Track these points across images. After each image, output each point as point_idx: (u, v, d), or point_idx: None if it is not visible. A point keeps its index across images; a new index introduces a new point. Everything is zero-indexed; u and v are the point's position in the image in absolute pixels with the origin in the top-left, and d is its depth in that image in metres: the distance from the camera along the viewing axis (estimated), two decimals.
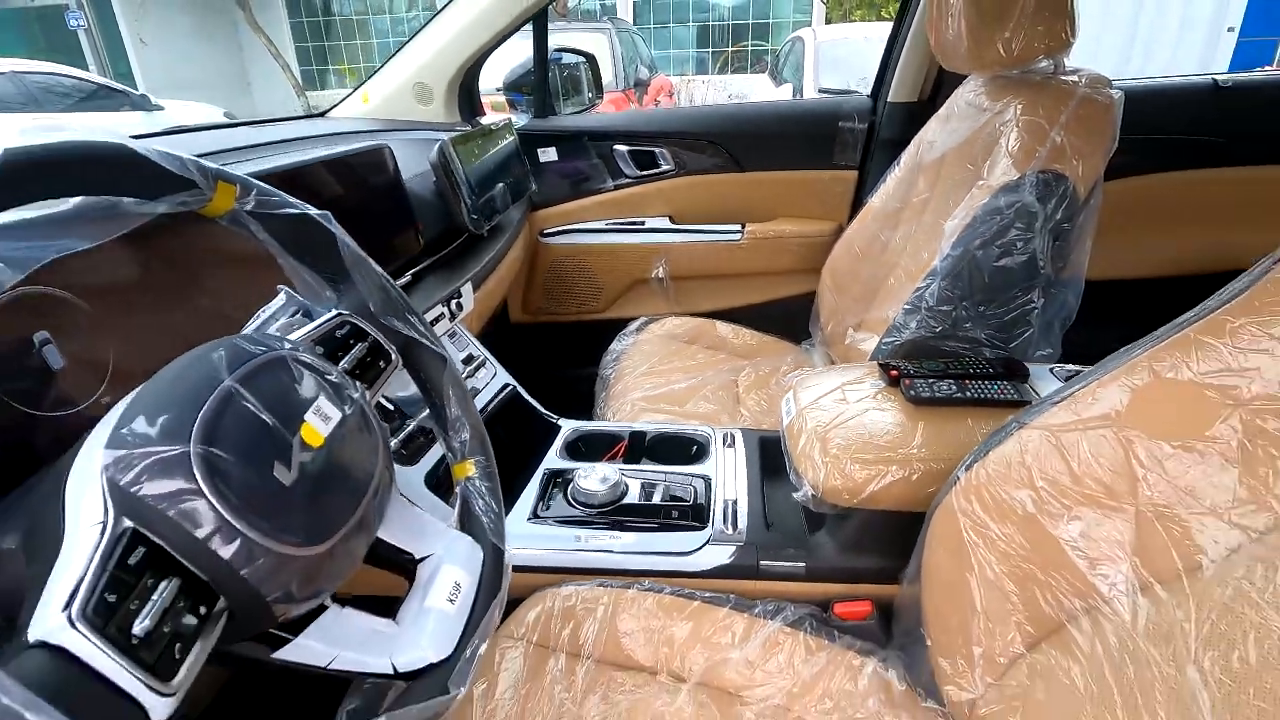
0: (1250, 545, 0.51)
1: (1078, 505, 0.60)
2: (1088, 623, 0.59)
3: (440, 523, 0.54)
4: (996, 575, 0.64)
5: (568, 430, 1.12)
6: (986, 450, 0.68)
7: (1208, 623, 0.50)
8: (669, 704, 0.72)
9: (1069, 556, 0.60)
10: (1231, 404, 0.53)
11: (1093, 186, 1.00)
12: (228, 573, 0.36)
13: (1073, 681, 0.58)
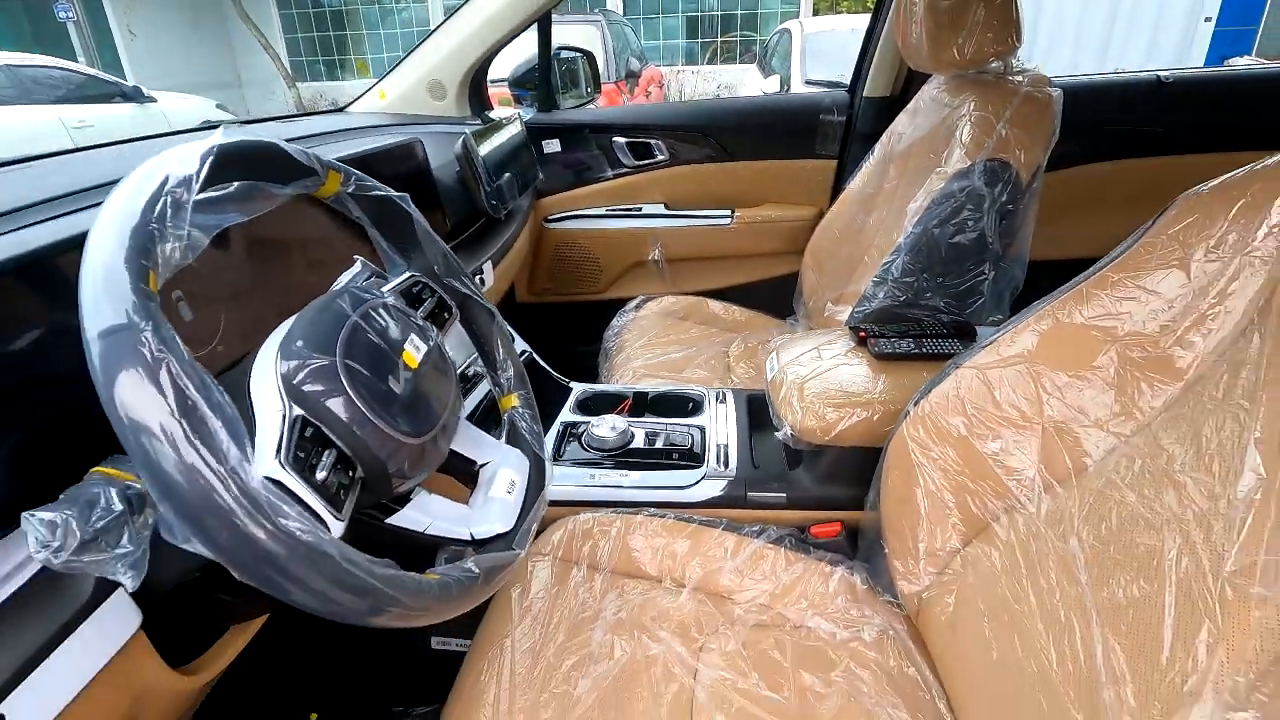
0: (1120, 446, 0.66)
1: (999, 427, 0.76)
2: (1005, 519, 0.75)
3: (495, 439, 0.69)
4: (937, 487, 0.80)
5: (579, 391, 1.27)
6: (930, 388, 0.83)
7: (1087, 506, 0.66)
8: (672, 603, 0.87)
9: (991, 467, 0.76)
10: (1110, 340, 0.69)
11: (1034, 173, 1.15)
12: (364, 449, 0.50)
13: (993, 564, 0.73)
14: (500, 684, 0.74)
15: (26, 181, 0.90)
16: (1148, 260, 0.68)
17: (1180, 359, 0.64)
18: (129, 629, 0.56)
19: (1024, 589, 0.67)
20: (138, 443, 0.38)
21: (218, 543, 0.40)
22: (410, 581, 0.48)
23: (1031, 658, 0.63)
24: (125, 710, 0.58)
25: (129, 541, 0.44)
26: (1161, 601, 0.54)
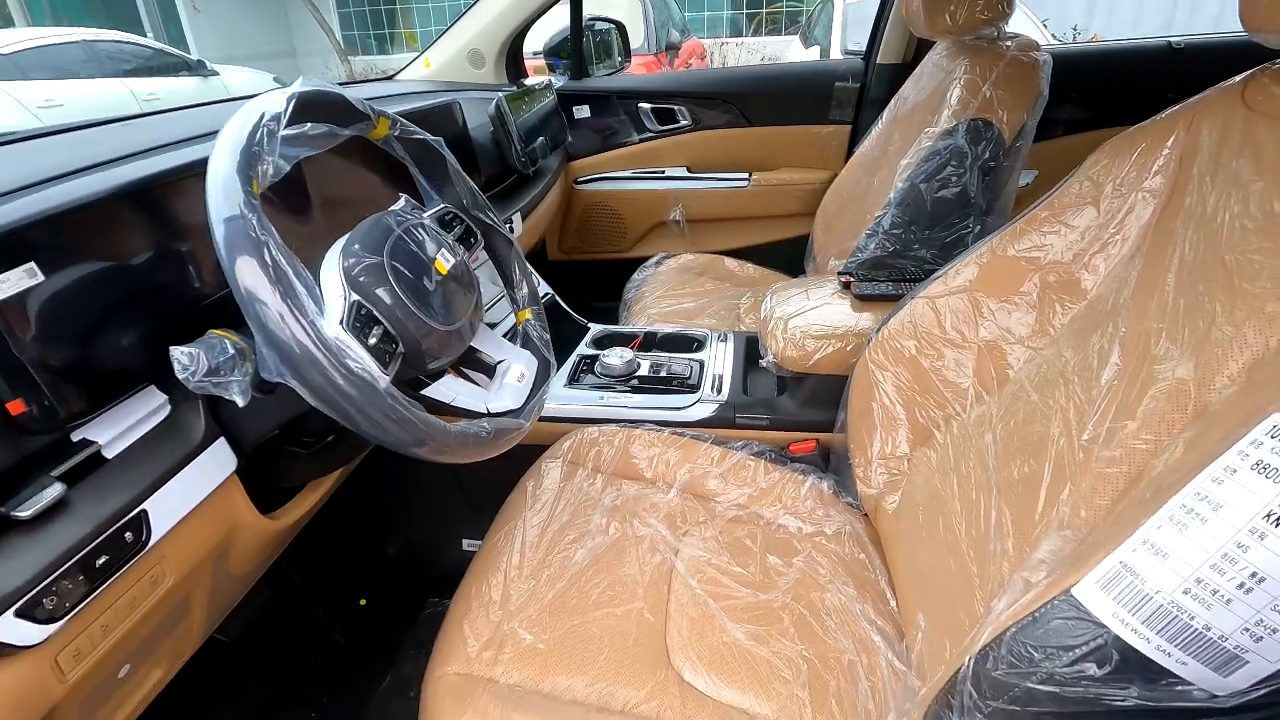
0: (1035, 357, 0.78)
1: (943, 347, 0.88)
2: (944, 425, 0.87)
3: (511, 344, 0.84)
4: (891, 400, 0.92)
5: (595, 330, 1.41)
6: (890, 317, 0.95)
7: (1004, 407, 0.78)
8: (662, 499, 1.02)
9: (935, 382, 0.88)
10: (1035, 269, 0.80)
11: (1018, 133, 1.24)
12: (403, 328, 0.66)
13: (930, 463, 0.86)
14: (514, 549, 0.90)
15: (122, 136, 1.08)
16: (1070, 199, 0.79)
17: (1085, 280, 0.75)
18: (227, 470, 0.73)
19: (950, 479, 0.80)
20: (248, 300, 0.54)
21: (301, 374, 0.55)
22: (440, 425, 0.63)
23: (948, 531, 0.76)
24: (223, 536, 0.76)
25: (238, 374, 0.60)
26: (1041, 474, 0.66)
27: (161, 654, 0.76)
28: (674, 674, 0.76)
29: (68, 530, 0.58)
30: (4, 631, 0.52)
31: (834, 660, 0.79)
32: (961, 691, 0.51)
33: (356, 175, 0.96)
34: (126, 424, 0.66)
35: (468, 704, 0.70)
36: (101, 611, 0.61)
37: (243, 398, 0.60)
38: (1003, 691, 0.49)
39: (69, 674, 0.59)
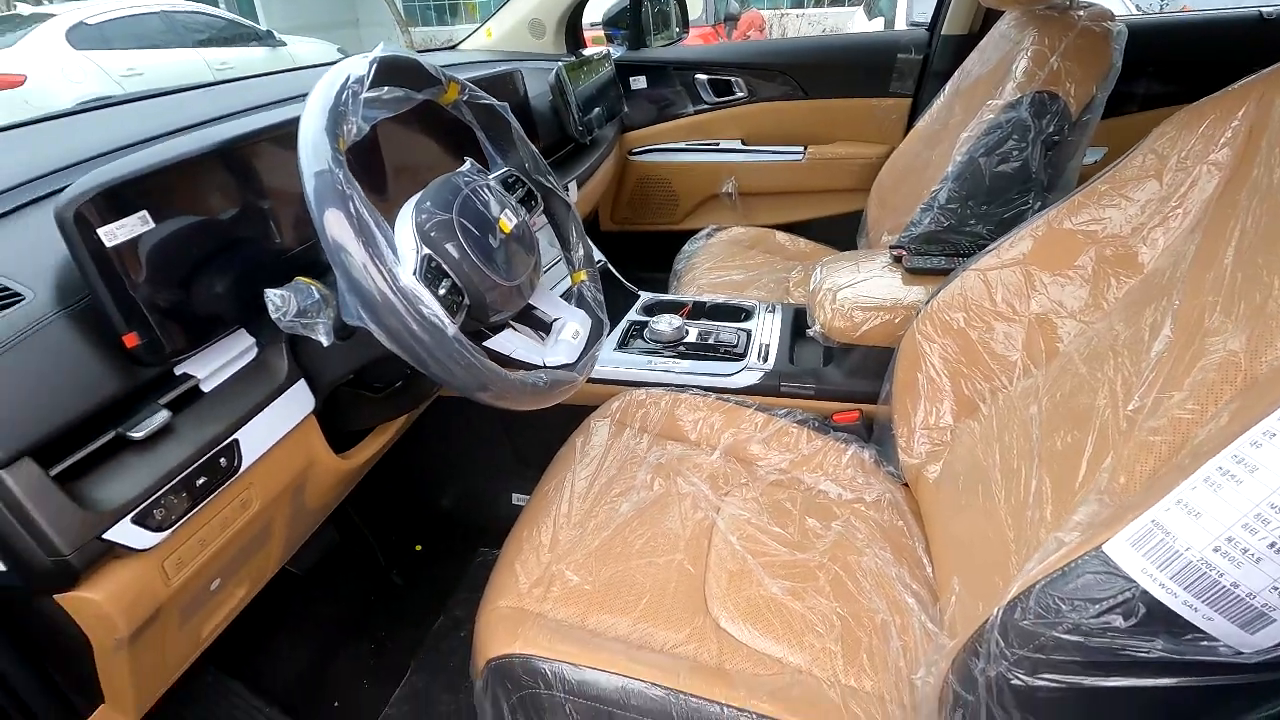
0: (1084, 329, 0.78)
1: (992, 319, 0.88)
2: (990, 397, 0.88)
3: (567, 304, 0.88)
4: (937, 372, 0.93)
5: (645, 298, 1.45)
6: (940, 290, 0.95)
7: (1050, 380, 0.78)
8: (705, 460, 1.05)
9: (981, 354, 0.88)
10: (1090, 242, 0.80)
11: (1086, 106, 1.20)
12: (469, 281, 0.70)
13: (974, 434, 0.87)
14: (563, 499, 0.95)
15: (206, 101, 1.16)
16: (1132, 172, 0.78)
17: (1143, 254, 0.74)
18: (306, 409, 0.80)
19: (992, 449, 0.81)
20: (335, 250, 0.59)
21: (380, 319, 0.60)
22: (502, 373, 0.68)
23: (987, 499, 0.77)
24: (301, 470, 0.83)
25: (323, 317, 0.66)
26: (1084, 444, 0.67)
27: (245, 574, 0.84)
28: (711, 621, 0.80)
29: (173, 452, 0.65)
30: (122, 535, 0.59)
31: (867, 619, 0.82)
32: (989, 640, 0.54)
33: (425, 140, 1.01)
34: (221, 362, 0.73)
35: (518, 633, 0.75)
36: (200, 527, 0.68)
37: (326, 338, 0.66)
38: (1029, 640, 0.51)
39: (173, 579, 0.66)
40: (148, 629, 0.67)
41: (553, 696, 0.71)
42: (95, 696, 0.69)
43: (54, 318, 0.61)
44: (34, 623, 0.61)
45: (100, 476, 0.60)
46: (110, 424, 0.62)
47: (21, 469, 0.55)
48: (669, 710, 0.69)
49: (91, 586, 0.60)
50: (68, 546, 0.56)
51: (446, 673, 1.19)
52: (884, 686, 0.75)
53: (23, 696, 0.65)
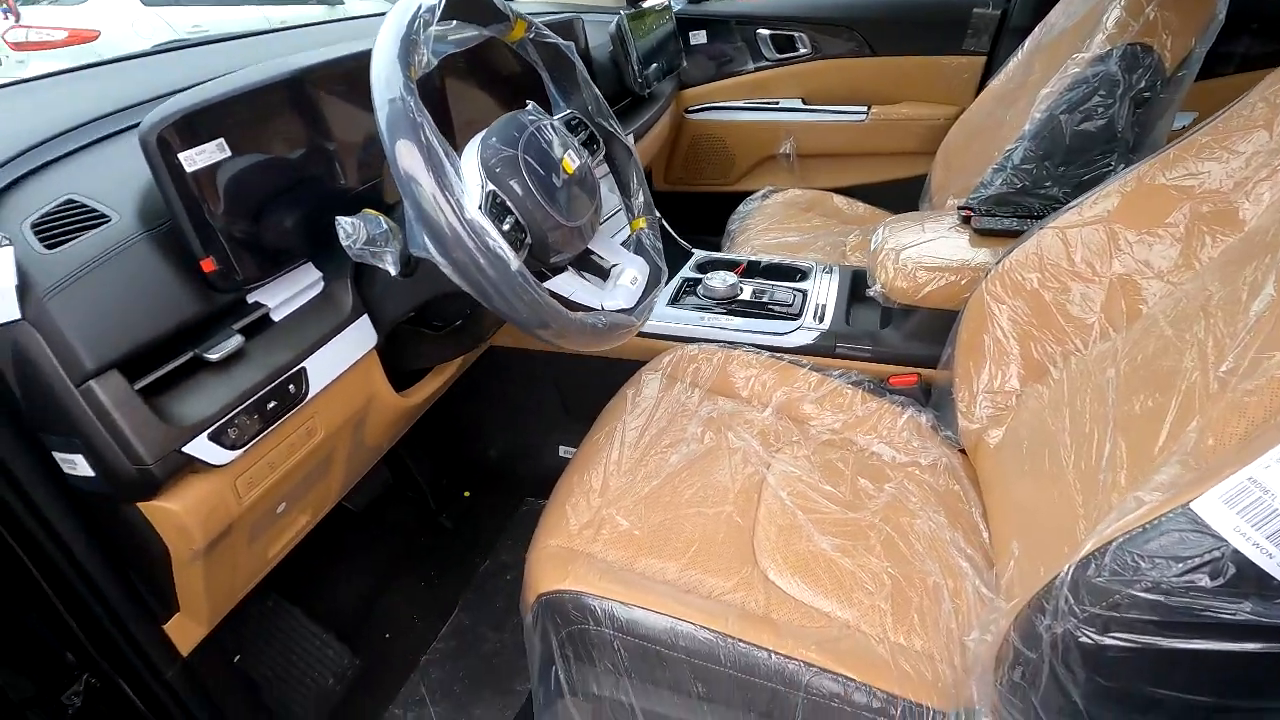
0: (1171, 290, 0.74)
1: (1068, 280, 0.84)
2: (1061, 361, 0.84)
3: (626, 250, 0.88)
4: (1004, 334, 0.89)
5: (699, 256, 1.43)
6: (1013, 249, 0.91)
7: (1131, 343, 0.74)
8: (757, 417, 1.04)
9: (1056, 317, 0.85)
10: (1185, 198, 0.75)
11: (1182, 61, 1.12)
12: (532, 219, 0.70)
13: (1041, 399, 0.84)
14: (613, 447, 0.96)
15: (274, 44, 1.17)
16: (1239, 122, 0.72)
17: (1244, 210, 0.69)
18: (368, 344, 0.81)
19: (1061, 414, 0.78)
20: (406, 181, 0.59)
21: (447, 251, 0.61)
22: (562, 311, 0.67)
23: (1054, 464, 0.74)
24: (362, 404, 0.85)
25: (391, 247, 0.67)
26: (1167, 408, 0.64)
27: (308, 502, 0.87)
28: (759, 572, 0.80)
29: (246, 375, 0.67)
30: (200, 450, 0.62)
31: (919, 580, 0.80)
32: (1058, 597, 0.52)
33: (487, 82, 1.01)
34: (290, 293, 0.75)
35: (569, 570, 0.76)
36: (269, 450, 0.71)
37: (394, 267, 0.67)
38: (1102, 597, 0.49)
39: (244, 497, 0.69)
40: (220, 543, 0.70)
41: (601, 633, 0.72)
42: (172, 605, 0.73)
43: (138, 239, 0.63)
44: (119, 530, 0.65)
45: (179, 394, 0.63)
46: (188, 345, 0.65)
47: (110, 380, 0.57)
48: (717, 653, 0.70)
49: (171, 498, 0.63)
50: (150, 456, 0.58)
51: (492, 612, 1.23)
52: (934, 646, 0.74)
53: (110, 601, 0.69)
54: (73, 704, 0.70)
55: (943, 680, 0.71)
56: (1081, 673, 0.52)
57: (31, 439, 0.61)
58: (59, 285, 0.56)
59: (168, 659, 0.75)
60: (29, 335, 0.55)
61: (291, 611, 1.11)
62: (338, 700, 1.08)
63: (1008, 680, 0.60)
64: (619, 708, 0.74)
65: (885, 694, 0.68)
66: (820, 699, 0.68)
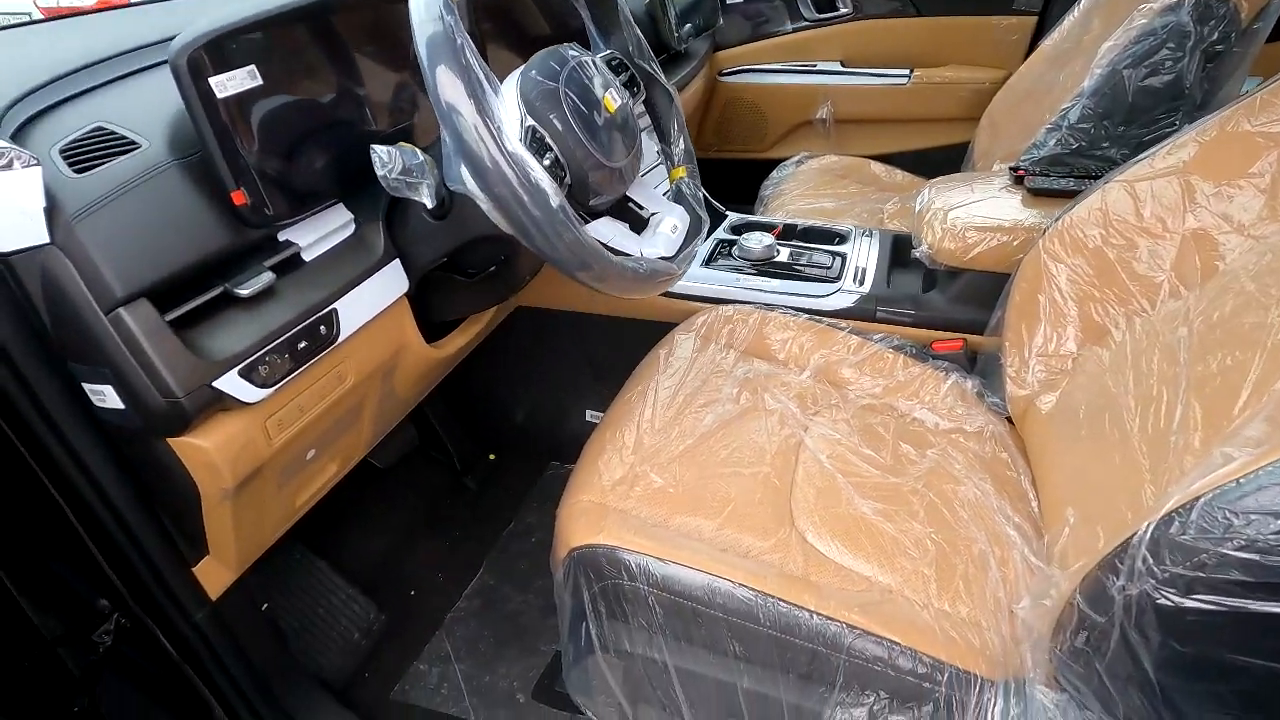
0: (1254, 245, 0.69)
1: (1135, 236, 0.79)
2: (1124, 323, 0.80)
3: (665, 199, 0.84)
4: (1062, 295, 0.85)
5: (733, 218, 1.38)
6: (1075, 204, 0.86)
7: (1206, 300, 0.70)
8: (794, 380, 1.01)
9: (1119, 275, 0.80)
10: (1273, 145, 0.69)
11: (1259, 12, 1.05)
12: (572, 156, 0.67)
13: (1101, 362, 0.79)
14: (646, 405, 0.93)
15: None
16: None
17: None
18: (400, 290, 0.79)
19: (1124, 377, 0.73)
20: (448, 112, 0.56)
21: (488, 185, 0.58)
22: (604, 253, 0.65)
23: (1116, 428, 0.70)
24: (393, 352, 0.83)
25: (427, 179, 0.64)
26: (1249, 366, 0.59)
27: (336, 450, 0.86)
28: (797, 534, 0.77)
29: (276, 313, 0.65)
30: (230, 385, 0.60)
31: (964, 547, 0.77)
32: (1133, 557, 0.49)
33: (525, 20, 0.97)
34: (321, 233, 0.72)
35: (601, 526, 0.74)
36: (299, 393, 0.69)
37: (430, 200, 0.64)
38: (1187, 557, 0.45)
39: (274, 439, 0.67)
40: (250, 485, 0.69)
41: (636, 589, 0.70)
42: (201, 547, 0.72)
43: (168, 166, 0.61)
44: (150, 467, 0.64)
45: (209, 329, 0.61)
46: (219, 280, 0.63)
47: (139, 309, 0.55)
48: (755, 612, 0.67)
49: (202, 435, 0.61)
50: (180, 389, 0.57)
51: (517, 573, 1.22)
52: (981, 614, 0.71)
53: (140, 541, 0.68)
54: (103, 642, 0.70)
55: (991, 648, 0.68)
56: (1156, 637, 0.48)
57: (61, 370, 0.59)
58: (88, 209, 0.55)
59: (197, 602, 0.74)
60: (58, 260, 0.54)
61: (318, 565, 1.11)
62: (364, 654, 1.08)
63: (1069, 647, 0.57)
64: (651, 665, 0.72)
65: (931, 659, 0.65)
66: (862, 662, 0.66)
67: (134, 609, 0.72)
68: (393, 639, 1.11)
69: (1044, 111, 1.42)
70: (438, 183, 0.65)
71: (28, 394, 0.59)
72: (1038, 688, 0.62)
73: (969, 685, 0.65)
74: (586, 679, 0.77)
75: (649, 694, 0.74)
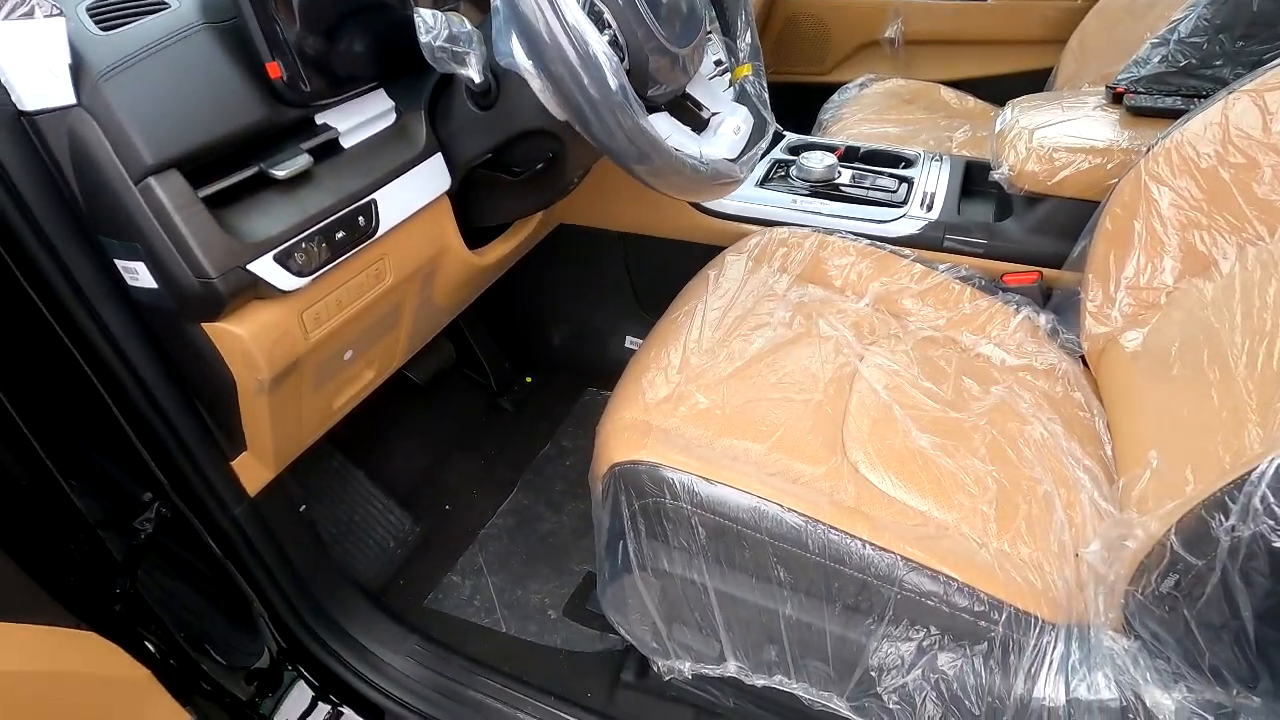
0: None
1: (1259, 154, 0.70)
2: (1234, 254, 0.72)
3: (728, 99, 0.77)
4: (1161, 222, 0.77)
5: (791, 138, 1.30)
6: (1188, 119, 0.77)
7: None
8: (851, 307, 0.95)
9: (1235, 199, 0.72)
10: None
11: None
12: (632, 35, 0.60)
13: (1202, 295, 0.72)
14: (693, 325, 0.88)
15: None
16: None
17: None
18: (442, 186, 0.75)
19: (1232, 311, 0.66)
20: None
21: (543, 60, 0.52)
22: (663, 143, 0.59)
23: (1218, 365, 0.64)
24: (433, 254, 0.80)
25: (475, 50, 0.59)
26: None
27: (374, 355, 0.83)
28: (849, 464, 0.73)
29: (314, 198, 0.61)
30: (265, 270, 0.57)
31: (1028, 487, 0.72)
32: (1251, 494, 0.43)
33: None
34: (361, 119, 0.68)
35: (645, 442, 0.71)
36: (337, 286, 0.66)
37: (478, 74, 0.59)
38: None
39: (311, 333, 0.65)
40: (287, 381, 0.67)
41: (679, 508, 0.67)
42: (239, 441, 0.71)
43: (199, 29, 0.56)
44: (186, 354, 0.62)
45: (244, 210, 0.58)
46: (254, 160, 0.59)
47: (170, 180, 0.52)
48: (804, 539, 0.64)
49: (237, 321, 0.59)
50: (214, 269, 0.54)
51: (551, 495, 1.21)
52: (1044, 556, 0.66)
53: (178, 431, 0.67)
54: (144, 529, 0.70)
55: (1054, 591, 0.64)
56: (1265, 583, 0.43)
57: (94, 247, 0.57)
58: (115, 68, 0.51)
59: (235, 496, 0.74)
60: (85, 124, 0.50)
61: (356, 474, 1.11)
62: (399, 563, 1.09)
63: (1153, 592, 0.52)
64: (690, 587, 0.70)
65: (989, 598, 0.62)
66: (915, 595, 0.62)
67: (174, 499, 0.72)
68: (427, 551, 1.12)
69: (1145, 30, 1.29)
70: (485, 59, 0.60)
71: (62, 271, 0.57)
72: (1106, 632, 0.58)
73: (1028, 626, 0.61)
74: (622, 597, 0.76)
75: (686, 615, 0.72)
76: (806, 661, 0.68)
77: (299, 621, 0.85)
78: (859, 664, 0.65)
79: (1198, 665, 0.50)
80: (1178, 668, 0.53)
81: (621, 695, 0.91)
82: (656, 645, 0.76)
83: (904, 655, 0.64)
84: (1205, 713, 0.52)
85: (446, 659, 0.92)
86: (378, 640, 0.91)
